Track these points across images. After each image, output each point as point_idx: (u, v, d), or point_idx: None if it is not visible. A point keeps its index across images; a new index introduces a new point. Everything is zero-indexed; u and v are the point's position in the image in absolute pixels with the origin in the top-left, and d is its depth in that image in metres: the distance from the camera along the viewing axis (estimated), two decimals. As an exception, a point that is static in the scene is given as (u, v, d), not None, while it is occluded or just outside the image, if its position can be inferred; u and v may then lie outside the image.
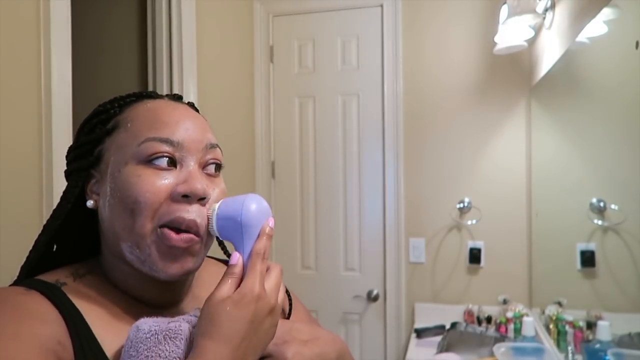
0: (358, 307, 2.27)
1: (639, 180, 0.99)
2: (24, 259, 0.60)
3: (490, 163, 2.14)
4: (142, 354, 0.48)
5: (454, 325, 1.93)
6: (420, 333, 2.04)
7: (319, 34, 2.33)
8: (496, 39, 1.91)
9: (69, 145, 0.63)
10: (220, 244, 0.68)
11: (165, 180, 0.53)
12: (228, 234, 0.54)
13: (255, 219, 0.53)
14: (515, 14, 1.66)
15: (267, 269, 0.53)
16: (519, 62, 2.08)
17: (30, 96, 1.08)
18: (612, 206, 1.20)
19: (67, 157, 0.61)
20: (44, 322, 0.48)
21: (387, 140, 2.23)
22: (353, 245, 2.29)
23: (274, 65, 2.39)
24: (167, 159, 0.54)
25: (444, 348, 1.81)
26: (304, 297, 0.81)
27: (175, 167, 0.55)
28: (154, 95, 0.62)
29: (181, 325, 0.51)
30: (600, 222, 1.26)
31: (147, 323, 0.50)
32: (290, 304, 0.71)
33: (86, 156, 0.58)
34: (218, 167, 0.59)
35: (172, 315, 0.55)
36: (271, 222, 0.55)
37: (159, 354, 0.48)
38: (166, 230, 0.53)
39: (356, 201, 2.28)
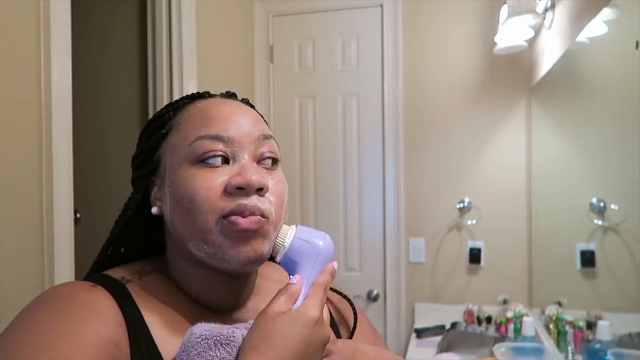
0: (358, 307, 2.27)
1: (639, 180, 0.99)
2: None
3: (490, 163, 2.14)
4: (192, 359, 0.47)
5: (454, 325, 1.94)
6: (420, 333, 2.04)
7: (319, 34, 2.33)
8: (496, 39, 1.91)
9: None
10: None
11: (219, 176, 0.52)
12: (297, 256, 0.54)
13: (331, 252, 0.55)
14: (515, 14, 1.66)
15: None
16: (519, 62, 2.08)
17: (30, 96, 1.08)
18: (612, 206, 1.20)
19: (132, 165, 0.62)
20: (104, 322, 0.48)
21: (387, 140, 2.23)
22: (353, 245, 2.29)
23: (274, 65, 2.39)
24: (220, 157, 0.53)
25: (444, 348, 1.81)
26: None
27: (229, 163, 0.54)
28: (206, 95, 0.61)
29: (234, 332, 0.49)
30: (600, 222, 1.26)
31: (201, 327, 0.50)
32: (355, 318, 0.68)
33: (147, 163, 0.58)
34: (275, 161, 0.58)
35: (234, 321, 0.54)
36: (335, 264, 0.55)
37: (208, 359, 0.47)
38: (232, 217, 0.51)
39: (356, 201, 2.28)
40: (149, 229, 0.62)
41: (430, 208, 2.21)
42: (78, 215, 1.81)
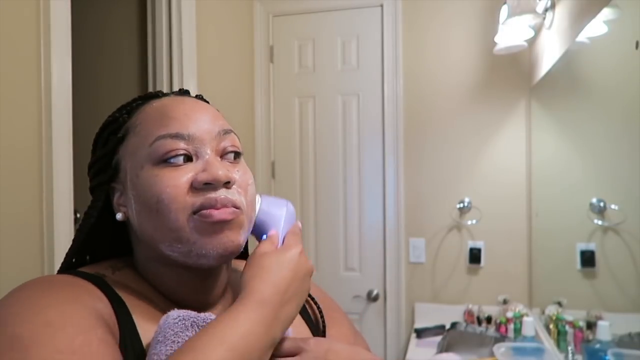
0: (358, 307, 2.27)
1: (639, 180, 0.99)
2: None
3: (490, 163, 2.14)
4: (169, 339, 0.48)
5: (454, 325, 1.94)
6: (420, 333, 2.03)
7: (319, 34, 2.33)
8: (496, 39, 1.91)
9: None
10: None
11: (184, 174, 0.52)
12: (267, 218, 0.59)
13: (294, 215, 0.63)
14: (515, 14, 1.66)
15: None
16: (519, 62, 2.08)
17: (30, 96, 1.08)
18: (612, 206, 1.20)
19: (88, 174, 0.60)
20: (98, 301, 0.49)
21: (387, 140, 2.23)
22: (353, 245, 2.29)
23: (274, 65, 2.39)
24: (183, 156, 0.53)
25: (444, 348, 1.81)
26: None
27: (192, 161, 0.53)
28: (159, 95, 0.60)
29: (211, 315, 0.51)
30: (600, 222, 1.26)
31: (177, 311, 0.51)
32: (322, 317, 0.68)
33: (105, 170, 0.57)
34: (237, 154, 0.57)
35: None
36: (299, 224, 0.63)
37: (186, 340, 0.48)
38: (204, 211, 0.51)
39: (356, 201, 2.28)
40: (114, 235, 0.61)
41: (430, 208, 2.21)
42: (78, 215, 1.80)
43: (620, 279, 1.17)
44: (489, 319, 2.00)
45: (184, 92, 0.63)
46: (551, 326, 1.63)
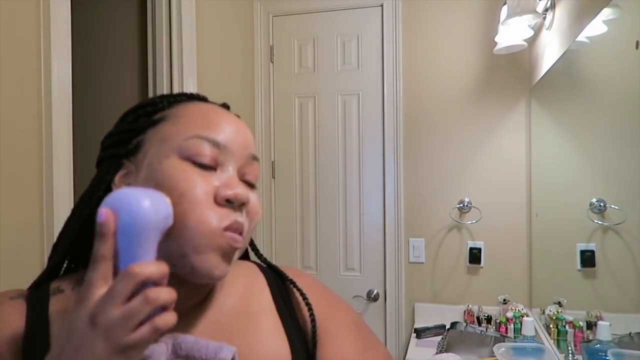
0: (358, 307, 2.27)
1: (639, 180, 0.99)
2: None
3: (490, 163, 2.14)
4: None
5: (454, 325, 1.94)
6: (420, 333, 2.03)
7: (319, 34, 2.33)
8: (496, 39, 1.91)
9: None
10: None
11: (210, 181, 0.51)
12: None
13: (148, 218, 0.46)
14: (515, 14, 1.66)
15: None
16: (519, 62, 2.08)
17: (30, 96, 1.08)
18: (612, 206, 1.20)
19: (103, 143, 0.60)
20: None
21: (387, 140, 2.23)
22: (353, 245, 2.29)
23: (274, 65, 2.39)
24: (210, 162, 0.52)
25: (443, 348, 1.81)
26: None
27: (215, 169, 0.53)
28: (205, 99, 0.62)
29: None
30: (600, 222, 1.26)
31: None
32: (314, 334, 0.62)
33: (123, 144, 0.56)
34: (253, 185, 0.57)
35: (185, 324, 0.54)
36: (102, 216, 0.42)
37: None
38: (231, 233, 0.50)
39: (356, 201, 2.28)
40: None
41: (430, 208, 2.21)
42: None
43: (620, 279, 1.17)
44: (489, 319, 2.00)
45: (227, 107, 0.64)
46: (551, 326, 1.63)
